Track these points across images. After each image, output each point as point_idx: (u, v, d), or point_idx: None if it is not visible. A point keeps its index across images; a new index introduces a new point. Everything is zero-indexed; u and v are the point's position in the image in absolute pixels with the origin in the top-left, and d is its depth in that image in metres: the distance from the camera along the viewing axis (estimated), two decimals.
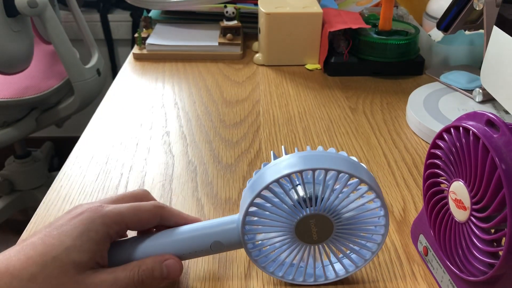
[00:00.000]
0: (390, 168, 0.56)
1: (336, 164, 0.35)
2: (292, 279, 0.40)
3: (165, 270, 0.37)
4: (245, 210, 0.37)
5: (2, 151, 1.31)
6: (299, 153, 0.37)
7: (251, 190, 0.37)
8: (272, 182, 0.35)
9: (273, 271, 0.40)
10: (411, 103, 0.65)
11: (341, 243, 0.39)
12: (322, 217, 0.37)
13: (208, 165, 0.56)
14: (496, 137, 0.31)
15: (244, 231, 0.38)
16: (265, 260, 0.39)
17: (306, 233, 0.37)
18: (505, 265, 0.31)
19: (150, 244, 0.39)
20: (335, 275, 0.40)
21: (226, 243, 0.38)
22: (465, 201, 0.34)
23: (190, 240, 0.38)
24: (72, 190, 0.52)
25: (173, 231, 0.39)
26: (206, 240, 0.38)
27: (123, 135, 0.62)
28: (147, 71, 0.81)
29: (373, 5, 0.94)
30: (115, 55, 1.62)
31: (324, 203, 0.36)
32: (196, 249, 0.38)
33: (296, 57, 0.83)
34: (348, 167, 0.36)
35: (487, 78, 0.59)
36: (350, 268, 0.40)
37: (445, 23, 0.69)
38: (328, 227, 0.37)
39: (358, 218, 0.38)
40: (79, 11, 1.25)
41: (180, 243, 0.38)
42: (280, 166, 0.36)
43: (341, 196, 0.36)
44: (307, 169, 0.35)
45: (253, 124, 0.65)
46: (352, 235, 0.38)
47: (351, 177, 0.36)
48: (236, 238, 0.38)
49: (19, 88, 1.17)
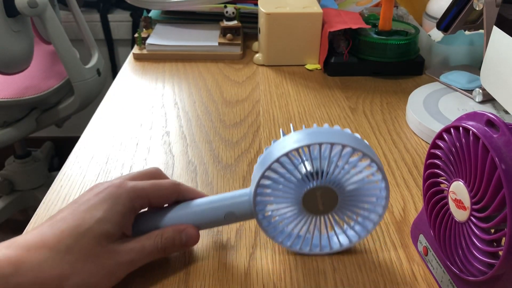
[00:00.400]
0: (390, 168, 0.56)
1: (341, 139, 0.38)
2: (300, 248, 0.43)
3: (184, 239, 0.40)
4: (256, 183, 0.39)
5: (2, 151, 1.31)
6: (306, 130, 0.39)
7: (262, 164, 0.39)
8: (281, 156, 0.38)
9: (282, 240, 0.42)
10: (411, 103, 0.65)
11: (345, 214, 0.41)
12: (327, 189, 0.39)
13: (208, 165, 0.56)
14: (496, 137, 0.31)
15: (256, 202, 0.40)
16: (274, 231, 0.42)
17: (312, 204, 0.40)
18: (505, 265, 0.31)
19: (170, 216, 0.41)
20: (339, 245, 0.43)
21: (239, 214, 0.41)
22: (465, 201, 0.34)
23: (206, 211, 0.41)
24: (72, 190, 0.52)
25: (191, 203, 0.42)
26: (220, 211, 0.41)
27: (123, 135, 0.62)
28: (147, 71, 0.81)
29: (373, 5, 0.94)
30: (115, 55, 1.62)
31: (329, 176, 0.39)
32: (212, 219, 0.41)
33: (296, 57, 0.83)
34: (351, 142, 0.38)
35: (487, 78, 0.59)
36: (354, 238, 0.43)
37: (445, 23, 0.69)
38: (333, 198, 0.40)
39: (360, 190, 0.40)
40: (79, 11, 1.25)
41: (197, 214, 0.41)
42: (288, 141, 0.39)
43: (345, 169, 0.39)
44: (314, 143, 0.38)
45: (253, 124, 0.65)
46: (356, 206, 0.41)
47: (354, 151, 0.38)
48: (248, 209, 0.41)
49: (19, 88, 1.17)
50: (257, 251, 0.44)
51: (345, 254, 0.44)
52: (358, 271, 0.42)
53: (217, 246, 0.45)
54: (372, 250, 0.44)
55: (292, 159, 0.39)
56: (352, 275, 0.42)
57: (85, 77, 1.19)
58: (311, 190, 0.39)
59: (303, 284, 0.41)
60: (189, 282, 0.41)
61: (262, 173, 0.39)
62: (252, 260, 0.43)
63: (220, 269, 0.42)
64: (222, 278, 0.41)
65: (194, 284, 0.41)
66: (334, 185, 0.39)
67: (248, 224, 0.47)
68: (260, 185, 0.40)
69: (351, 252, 0.44)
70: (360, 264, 0.43)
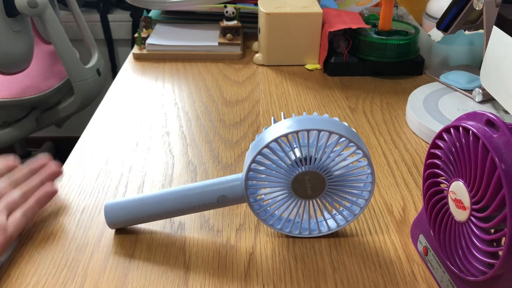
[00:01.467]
0: (390, 168, 0.56)
1: (328, 126, 0.40)
2: (289, 231, 0.45)
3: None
4: (247, 167, 0.41)
5: (2, 151, 1.31)
6: (295, 117, 0.41)
7: (253, 150, 0.41)
8: (271, 141, 0.40)
9: (272, 223, 0.44)
10: (411, 103, 0.65)
11: (333, 198, 0.43)
12: (315, 173, 0.41)
13: (208, 165, 0.56)
14: (496, 137, 0.31)
15: (247, 186, 0.42)
16: (265, 214, 0.44)
17: (301, 189, 0.42)
18: (505, 265, 0.31)
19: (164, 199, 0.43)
20: (328, 229, 0.45)
21: (231, 197, 0.43)
22: (465, 201, 0.34)
23: (200, 194, 0.43)
24: (72, 190, 0.52)
25: (184, 187, 0.44)
26: (214, 194, 0.43)
27: (123, 135, 0.62)
28: (147, 71, 0.81)
29: (373, 5, 0.94)
30: (115, 55, 1.62)
31: (317, 162, 0.41)
32: (205, 202, 0.43)
33: (296, 57, 0.83)
34: (339, 129, 0.40)
35: (487, 78, 0.59)
36: (342, 222, 0.45)
37: (445, 23, 0.69)
38: (320, 183, 0.42)
39: (347, 175, 0.42)
40: (79, 11, 1.25)
41: (191, 197, 0.43)
42: (278, 128, 0.40)
43: (332, 155, 0.41)
44: (302, 130, 0.39)
45: (253, 124, 0.65)
46: (343, 192, 0.43)
47: (341, 138, 0.40)
48: (240, 193, 0.43)
49: (19, 88, 1.17)
50: (257, 251, 0.44)
51: (345, 254, 0.44)
52: (358, 271, 0.42)
53: (217, 246, 0.45)
54: (372, 250, 0.44)
55: (282, 145, 0.40)
56: (352, 275, 0.42)
57: (85, 77, 1.19)
58: (300, 175, 0.41)
59: (303, 284, 0.41)
60: (189, 282, 0.41)
61: (252, 158, 0.41)
62: (252, 260, 0.43)
63: (220, 269, 0.42)
64: (222, 278, 0.41)
65: (194, 284, 0.41)
66: (321, 171, 0.41)
67: (248, 224, 0.47)
68: (251, 170, 0.41)
69: (351, 252, 0.44)
70: (360, 264, 0.43)
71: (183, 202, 0.43)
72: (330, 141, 0.40)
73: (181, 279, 0.41)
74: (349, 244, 0.45)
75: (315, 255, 0.44)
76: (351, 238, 0.46)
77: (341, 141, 0.41)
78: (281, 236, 0.46)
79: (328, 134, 0.40)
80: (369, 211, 0.49)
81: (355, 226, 0.47)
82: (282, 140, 0.40)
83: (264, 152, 0.41)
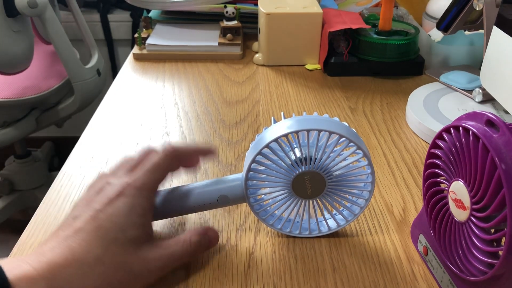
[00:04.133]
0: (390, 168, 0.56)
1: (328, 126, 0.40)
2: (289, 231, 0.45)
3: (208, 240, 0.42)
4: (247, 167, 0.41)
5: (2, 151, 1.31)
6: (296, 117, 0.41)
7: (253, 150, 0.41)
8: (271, 141, 0.40)
9: (273, 223, 0.44)
10: (411, 103, 0.65)
11: (333, 198, 0.43)
12: (315, 173, 0.41)
13: (208, 165, 0.56)
14: (496, 137, 0.31)
15: (247, 186, 0.42)
16: (265, 214, 0.44)
17: (301, 189, 0.42)
18: (505, 265, 0.31)
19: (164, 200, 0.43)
20: (328, 229, 0.45)
21: (232, 197, 0.43)
22: (465, 201, 0.34)
23: (200, 194, 0.43)
24: (72, 190, 0.52)
25: (185, 187, 0.44)
26: (214, 194, 0.43)
27: (123, 135, 0.62)
28: (147, 71, 0.81)
29: (373, 5, 0.94)
30: (115, 55, 1.62)
31: (317, 162, 0.41)
32: (205, 202, 0.43)
33: (296, 57, 0.83)
34: (339, 129, 0.40)
35: (487, 78, 0.59)
36: (342, 222, 0.45)
37: (445, 23, 0.69)
38: (321, 183, 0.42)
39: (347, 175, 0.42)
40: (79, 11, 1.25)
41: (191, 197, 0.43)
42: (278, 128, 0.40)
43: (332, 156, 0.41)
44: (302, 130, 0.40)
45: (253, 124, 0.65)
46: (343, 191, 0.43)
47: (341, 138, 0.40)
48: (240, 193, 0.42)
49: (19, 88, 1.17)
50: (257, 251, 0.44)
51: (345, 254, 0.44)
52: (358, 271, 0.42)
53: (217, 246, 0.45)
54: (372, 250, 0.44)
55: (282, 145, 0.41)
56: (352, 275, 0.42)
57: (85, 77, 1.19)
58: (300, 175, 0.41)
59: (303, 284, 0.41)
60: (189, 282, 0.41)
61: (252, 158, 0.41)
62: (252, 260, 0.43)
63: (220, 269, 0.42)
64: (222, 278, 0.41)
65: (194, 284, 0.41)
66: (321, 170, 0.41)
67: (248, 224, 0.47)
68: (251, 170, 0.41)
69: (351, 252, 0.44)
70: (360, 264, 0.43)
71: (183, 202, 0.43)
72: (330, 141, 0.40)
73: (181, 279, 0.41)
74: (349, 244, 0.45)
75: (315, 255, 0.44)
76: (351, 238, 0.46)
77: (341, 141, 0.41)
78: (281, 236, 0.46)
79: (328, 134, 0.40)
80: (369, 211, 0.49)
81: (355, 226, 0.47)
82: (282, 140, 0.40)
83: (264, 152, 0.41)
